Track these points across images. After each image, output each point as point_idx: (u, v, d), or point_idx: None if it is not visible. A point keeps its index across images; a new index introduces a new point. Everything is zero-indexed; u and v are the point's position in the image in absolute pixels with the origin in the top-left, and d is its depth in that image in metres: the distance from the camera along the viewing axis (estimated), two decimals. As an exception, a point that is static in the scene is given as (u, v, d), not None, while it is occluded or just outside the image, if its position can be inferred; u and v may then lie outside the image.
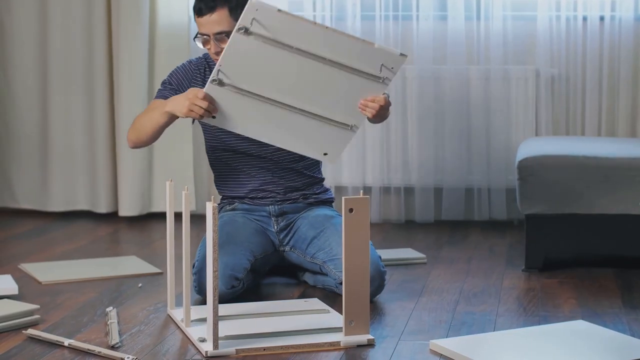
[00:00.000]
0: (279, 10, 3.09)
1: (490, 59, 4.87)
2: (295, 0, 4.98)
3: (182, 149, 5.00)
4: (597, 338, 2.94)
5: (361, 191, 3.03)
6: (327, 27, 3.14)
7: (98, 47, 5.01)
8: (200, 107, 3.22)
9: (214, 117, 3.29)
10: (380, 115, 3.28)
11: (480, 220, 4.94)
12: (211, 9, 3.37)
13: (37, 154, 5.17)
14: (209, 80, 3.22)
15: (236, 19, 3.26)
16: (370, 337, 2.94)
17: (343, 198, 2.89)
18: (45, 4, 5.04)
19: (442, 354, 2.84)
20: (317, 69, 3.18)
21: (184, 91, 3.46)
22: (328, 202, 3.72)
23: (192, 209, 4.99)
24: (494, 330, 3.07)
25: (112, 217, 5.09)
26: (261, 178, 3.59)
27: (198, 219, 4.43)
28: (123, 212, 5.04)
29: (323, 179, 3.74)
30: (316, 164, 3.69)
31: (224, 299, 3.31)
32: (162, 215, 5.01)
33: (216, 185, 3.71)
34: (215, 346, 2.81)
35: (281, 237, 3.60)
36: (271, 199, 3.60)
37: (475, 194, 4.94)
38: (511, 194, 4.86)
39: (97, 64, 5.03)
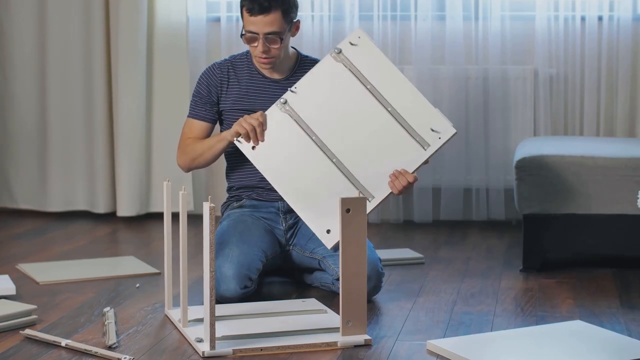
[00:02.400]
0: (375, 46, 3.40)
1: (488, 59, 4.87)
2: (294, 0, 4.97)
3: (181, 149, 5.00)
4: (595, 338, 2.94)
5: (358, 191, 3.03)
6: (403, 75, 3.39)
7: (96, 48, 5.01)
8: (250, 123, 3.38)
9: (253, 147, 3.41)
10: (403, 192, 3.35)
11: (479, 220, 4.94)
12: (266, 10, 3.42)
13: (35, 155, 5.16)
14: (277, 101, 3.41)
15: (287, 22, 3.44)
16: (368, 337, 2.94)
17: (340, 198, 2.89)
18: (44, 4, 5.04)
19: (439, 354, 2.84)
20: (376, 113, 3.37)
21: (215, 98, 3.59)
22: None
23: (190, 209, 4.99)
24: (491, 331, 3.07)
25: (110, 217, 5.09)
26: None
27: (196, 219, 4.42)
28: (121, 212, 5.04)
29: None
30: None
31: (236, 299, 3.32)
32: (160, 216, 5.00)
33: (227, 176, 3.71)
34: (212, 346, 2.81)
35: (288, 235, 3.61)
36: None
37: (474, 194, 4.94)
38: (509, 194, 4.86)
39: (95, 64, 5.03)
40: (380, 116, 3.37)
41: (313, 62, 3.63)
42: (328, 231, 3.34)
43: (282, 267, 3.68)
